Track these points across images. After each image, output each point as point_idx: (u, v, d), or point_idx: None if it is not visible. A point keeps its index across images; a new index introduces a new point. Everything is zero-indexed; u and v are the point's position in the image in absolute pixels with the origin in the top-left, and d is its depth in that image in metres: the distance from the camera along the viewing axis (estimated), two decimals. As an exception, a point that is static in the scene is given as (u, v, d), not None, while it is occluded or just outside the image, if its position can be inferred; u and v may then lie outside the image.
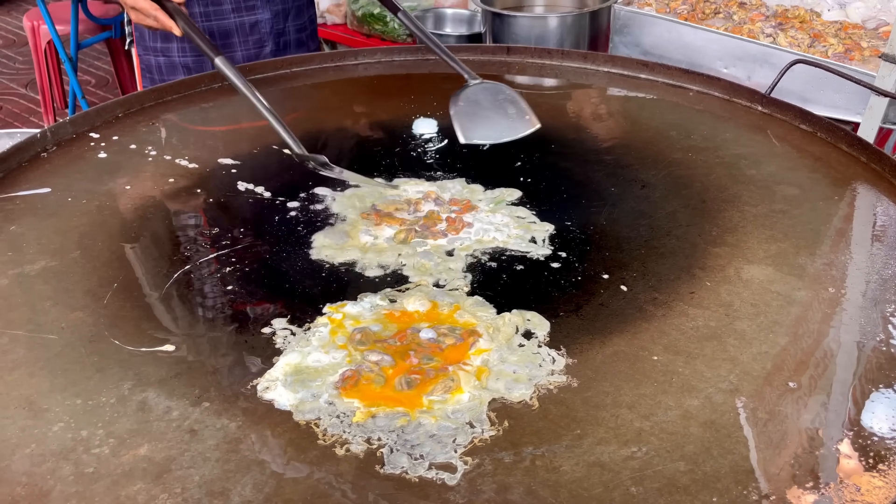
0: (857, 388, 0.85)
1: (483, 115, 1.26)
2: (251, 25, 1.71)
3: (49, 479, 0.74)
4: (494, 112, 1.27)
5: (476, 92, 1.30)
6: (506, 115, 1.26)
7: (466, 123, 1.24)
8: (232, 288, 1.01)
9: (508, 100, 1.29)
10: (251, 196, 1.22)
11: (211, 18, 1.67)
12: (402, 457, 0.76)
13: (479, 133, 1.24)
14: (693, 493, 0.72)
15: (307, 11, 1.84)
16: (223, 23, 1.68)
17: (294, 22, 1.78)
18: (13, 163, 1.27)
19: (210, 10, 1.67)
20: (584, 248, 1.08)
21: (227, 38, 1.70)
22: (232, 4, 1.68)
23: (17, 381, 0.86)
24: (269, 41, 1.74)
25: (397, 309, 0.96)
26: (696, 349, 0.90)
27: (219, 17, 1.68)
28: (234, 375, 0.87)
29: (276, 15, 1.73)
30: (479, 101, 1.28)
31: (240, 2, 1.68)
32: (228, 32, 1.70)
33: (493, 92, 1.30)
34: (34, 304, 0.98)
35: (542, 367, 0.87)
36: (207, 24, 1.67)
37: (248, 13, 1.70)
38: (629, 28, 2.32)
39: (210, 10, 1.67)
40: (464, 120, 1.25)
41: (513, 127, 1.25)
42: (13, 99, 4.21)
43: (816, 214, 1.15)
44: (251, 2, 1.69)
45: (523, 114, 1.27)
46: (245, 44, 1.72)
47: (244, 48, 1.72)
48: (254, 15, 1.70)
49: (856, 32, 2.18)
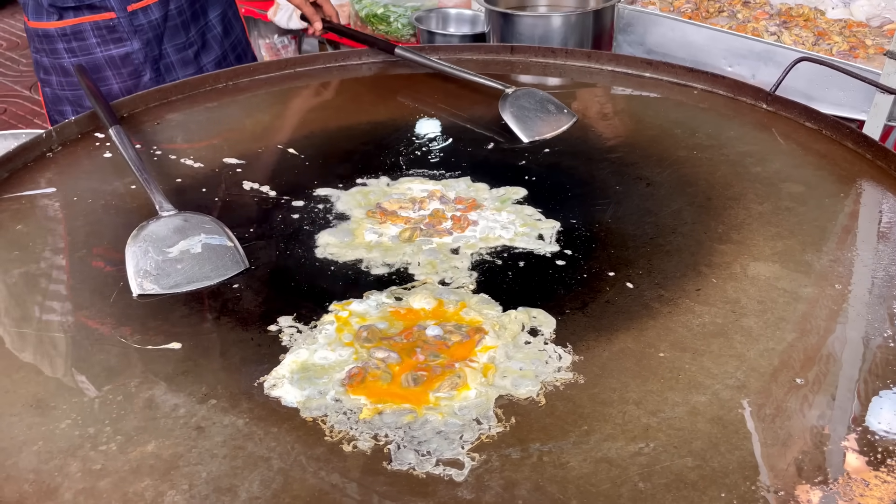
0: (864, 384, 0.85)
1: (532, 116, 1.42)
2: (121, 58, 1.63)
3: (57, 476, 0.74)
4: (539, 112, 1.43)
5: (518, 98, 1.45)
6: (549, 113, 1.44)
7: (522, 125, 1.40)
8: (238, 286, 1.01)
9: (546, 99, 1.46)
10: (256, 195, 1.22)
11: (77, 54, 1.61)
12: (410, 453, 0.76)
13: (536, 130, 1.39)
14: (701, 488, 0.72)
15: (197, 23, 1.73)
16: (91, 57, 1.61)
17: (172, 43, 1.68)
18: (19, 163, 1.27)
19: (74, 45, 1.60)
20: (590, 246, 1.08)
21: (99, 71, 1.63)
22: (97, 38, 1.60)
23: (24, 379, 0.86)
24: (146, 70, 1.65)
25: (403, 307, 0.96)
26: (702, 346, 0.90)
27: (85, 52, 1.61)
28: (240, 373, 0.87)
29: (148, 43, 1.64)
30: (524, 105, 1.44)
31: (104, 35, 1.60)
32: (99, 67, 1.62)
33: (531, 96, 1.46)
34: (41, 302, 0.98)
35: (548, 364, 0.87)
36: (75, 60, 1.61)
37: (115, 45, 1.61)
38: (633, 27, 2.32)
39: (74, 45, 1.60)
40: (519, 123, 1.40)
41: (559, 120, 1.43)
42: (17, 101, 4.23)
43: (822, 211, 1.15)
44: (116, 34, 1.60)
45: (562, 109, 1.45)
46: (120, 76, 1.64)
47: (119, 80, 1.64)
48: (122, 47, 1.61)
49: (860, 30, 2.18)
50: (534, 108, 1.44)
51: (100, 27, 1.59)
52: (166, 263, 1.01)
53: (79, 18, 1.58)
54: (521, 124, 1.41)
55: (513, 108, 1.43)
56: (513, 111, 1.43)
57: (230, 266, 1.03)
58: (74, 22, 1.58)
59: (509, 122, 1.41)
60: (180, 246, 1.01)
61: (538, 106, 1.45)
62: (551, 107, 1.45)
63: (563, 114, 1.45)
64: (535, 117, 1.42)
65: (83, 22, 1.58)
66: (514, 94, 1.46)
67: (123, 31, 1.61)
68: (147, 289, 0.98)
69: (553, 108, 1.45)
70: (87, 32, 1.59)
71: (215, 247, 1.03)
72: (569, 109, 1.45)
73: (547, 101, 1.46)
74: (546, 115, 1.44)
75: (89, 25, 1.59)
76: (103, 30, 1.59)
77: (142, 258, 1.01)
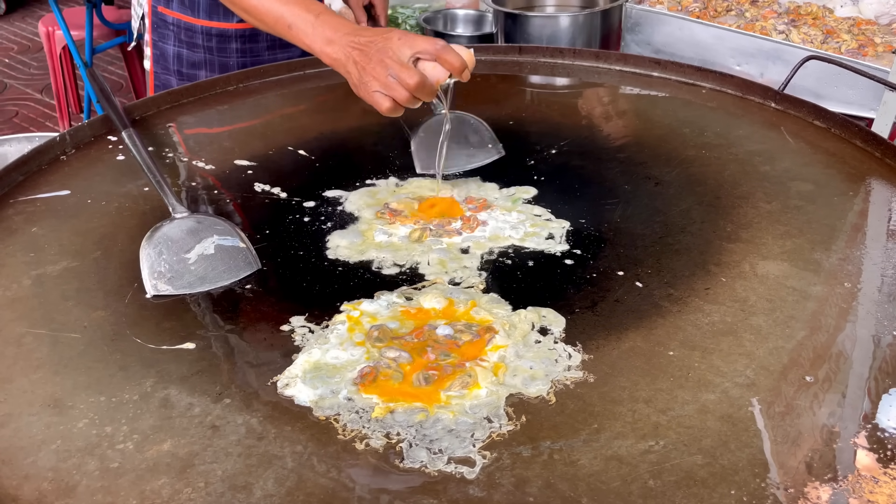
0: (874, 382, 0.85)
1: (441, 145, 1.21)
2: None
3: (75, 475, 0.75)
4: (456, 142, 1.25)
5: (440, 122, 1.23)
6: (468, 144, 1.27)
7: (424, 154, 1.25)
8: (250, 287, 1.02)
9: (472, 129, 1.29)
10: (267, 196, 1.23)
11: (246, 55, 1.69)
12: (422, 451, 0.77)
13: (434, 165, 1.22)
14: (711, 486, 0.73)
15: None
16: (257, 59, 1.69)
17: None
18: (33, 166, 1.29)
19: (246, 46, 1.67)
20: (599, 246, 1.09)
21: None
22: (267, 43, 1.69)
23: (41, 380, 0.87)
24: None
25: (414, 306, 0.97)
26: (711, 344, 0.90)
27: (254, 54, 1.69)
28: (254, 372, 0.88)
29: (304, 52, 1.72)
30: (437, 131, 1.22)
31: (275, 40, 1.68)
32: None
33: (457, 122, 1.27)
34: (56, 303, 0.99)
35: (558, 363, 0.88)
36: (242, 60, 1.68)
37: (281, 51, 1.71)
38: (641, 26, 2.32)
39: (246, 46, 1.67)
40: (422, 150, 1.25)
41: (473, 155, 1.27)
42: (29, 104, 4.26)
43: (831, 210, 1.15)
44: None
45: (486, 143, 1.28)
46: None
47: None
48: (287, 52, 1.71)
49: (869, 28, 2.18)
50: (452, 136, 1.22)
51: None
52: (180, 265, 1.02)
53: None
54: (422, 153, 1.25)
55: (424, 135, 1.27)
56: (424, 137, 1.27)
57: (243, 267, 1.04)
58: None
59: (413, 146, 1.27)
60: (197, 250, 1.02)
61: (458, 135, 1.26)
62: (475, 138, 1.28)
63: (484, 149, 1.28)
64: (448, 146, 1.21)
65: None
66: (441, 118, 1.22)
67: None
68: (161, 290, 1.00)
69: (476, 139, 1.28)
70: (261, 36, 1.67)
71: (228, 248, 1.05)
72: (496, 145, 1.28)
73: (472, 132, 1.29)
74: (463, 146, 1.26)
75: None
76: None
77: (156, 260, 1.02)
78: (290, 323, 0.95)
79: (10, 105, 4.26)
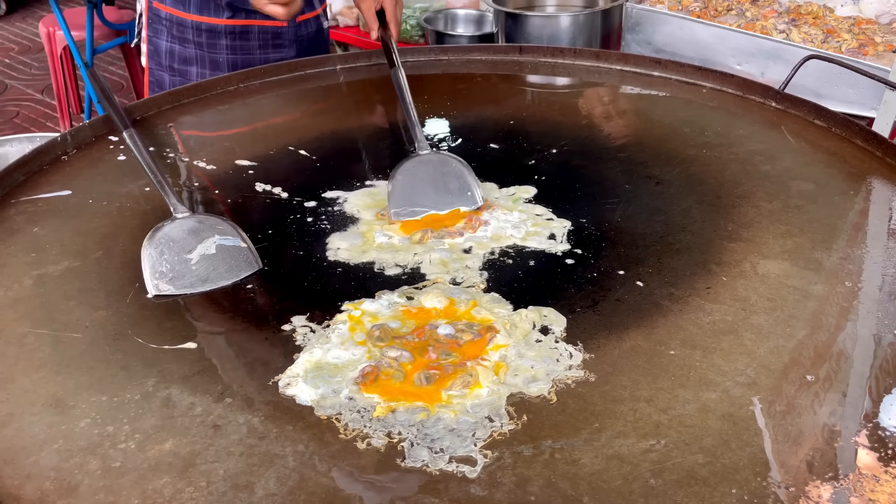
0: (875, 381, 0.85)
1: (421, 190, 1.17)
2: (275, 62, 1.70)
3: (77, 474, 0.75)
4: (434, 186, 1.18)
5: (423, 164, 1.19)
6: (447, 191, 1.18)
7: (399, 199, 1.16)
8: (251, 286, 1.02)
9: (453, 174, 1.19)
10: (268, 196, 1.23)
11: (237, 52, 1.69)
12: (423, 450, 0.77)
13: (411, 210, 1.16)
14: (712, 484, 0.73)
15: (326, 41, 1.87)
16: (248, 57, 1.70)
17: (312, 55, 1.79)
18: (35, 166, 1.29)
19: (237, 44, 1.68)
20: (600, 245, 1.09)
21: None
22: (259, 41, 1.69)
23: (43, 379, 0.87)
24: None
25: (415, 306, 0.97)
26: (712, 343, 0.90)
27: (245, 51, 1.69)
28: (255, 372, 0.88)
29: (300, 52, 1.75)
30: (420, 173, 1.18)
31: (267, 39, 1.70)
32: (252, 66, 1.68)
33: (439, 164, 1.20)
34: (58, 303, 1.00)
35: (559, 362, 0.88)
36: (232, 58, 1.69)
37: (274, 50, 1.72)
38: (641, 26, 2.32)
39: (237, 44, 1.68)
40: (398, 195, 1.16)
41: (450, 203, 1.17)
42: (30, 104, 4.26)
43: (832, 209, 1.15)
44: (279, 40, 1.71)
45: (466, 189, 1.17)
46: None
47: None
48: (279, 52, 1.72)
49: (869, 27, 2.18)
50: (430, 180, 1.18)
51: (266, 32, 1.68)
52: (181, 265, 1.02)
53: (249, 20, 1.66)
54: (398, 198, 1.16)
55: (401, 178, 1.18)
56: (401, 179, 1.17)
57: (244, 267, 1.04)
58: (244, 22, 1.66)
59: (391, 188, 1.17)
60: (198, 250, 1.03)
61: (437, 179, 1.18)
62: (454, 184, 1.18)
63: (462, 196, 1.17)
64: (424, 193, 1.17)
65: (253, 24, 1.67)
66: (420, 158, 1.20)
67: (286, 39, 1.72)
68: (163, 290, 1.00)
69: (456, 186, 1.18)
70: (252, 34, 1.68)
71: (229, 248, 1.05)
72: (475, 193, 1.17)
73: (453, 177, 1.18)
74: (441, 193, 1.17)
75: (257, 28, 1.67)
76: (269, 34, 1.69)
77: (157, 260, 1.02)
78: (291, 322, 0.95)
79: (10, 105, 4.26)
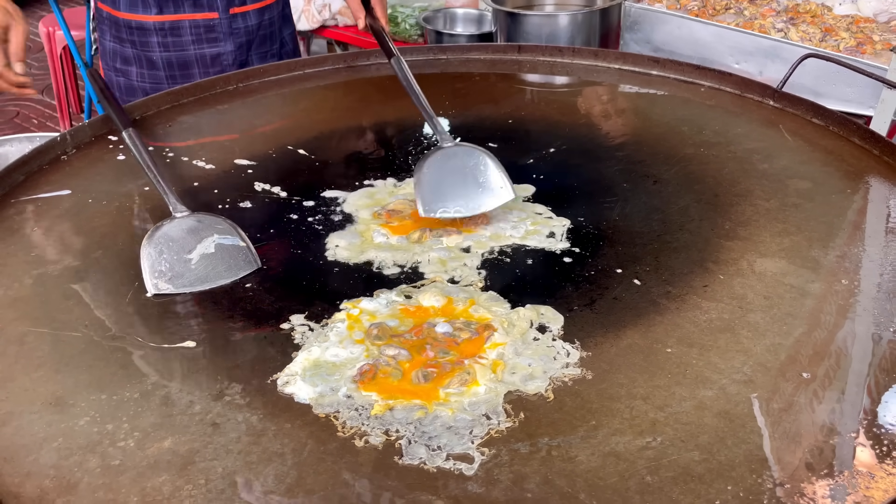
0: (872, 378, 0.86)
1: (450, 183, 1.13)
2: (212, 57, 1.68)
3: (76, 472, 0.76)
4: (464, 180, 1.13)
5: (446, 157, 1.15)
6: (476, 185, 1.13)
7: (428, 195, 1.11)
8: (250, 285, 1.02)
9: (481, 166, 1.14)
10: (267, 196, 1.23)
11: (170, 49, 1.65)
12: (420, 448, 0.77)
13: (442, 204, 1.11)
14: (708, 481, 0.73)
15: (278, 36, 1.79)
16: (183, 54, 1.66)
17: (258, 50, 1.75)
18: (34, 165, 1.29)
19: (169, 40, 1.64)
20: (598, 244, 1.09)
21: (187, 68, 1.67)
22: (192, 36, 1.65)
23: (43, 378, 0.88)
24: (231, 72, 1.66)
25: (413, 304, 0.98)
26: (709, 341, 0.91)
27: (178, 48, 1.65)
28: (254, 370, 0.88)
29: (240, 46, 1.70)
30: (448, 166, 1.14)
31: (201, 33, 1.65)
32: (188, 63, 1.67)
33: (465, 157, 1.16)
34: (58, 302, 1.00)
35: (556, 360, 0.88)
36: (166, 55, 1.65)
37: (209, 45, 1.67)
38: (640, 25, 2.33)
39: (169, 40, 1.64)
40: (426, 190, 1.12)
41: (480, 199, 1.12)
42: (29, 104, 4.27)
43: (829, 208, 1.16)
44: (213, 34, 1.66)
45: (498, 183, 1.13)
46: (206, 74, 1.67)
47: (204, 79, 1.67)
48: (215, 47, 1.67)
49: (867, 26, 2.18)
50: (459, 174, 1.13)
51: (198, 25, 1.64)
52: (180, 264, 1.02)
53: (179, 15, 1.63)
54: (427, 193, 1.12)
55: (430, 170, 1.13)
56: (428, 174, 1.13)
57: (243, 266, 1.04)
58: (174, 18, 1.63)
59: (415, 185, 1.13)
60: (198, 249, 1.03)
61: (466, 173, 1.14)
62: (483, 178, 1.13)
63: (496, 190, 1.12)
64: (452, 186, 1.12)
65: (183, 19, 1.63)
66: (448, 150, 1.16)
67: (220, 32, 1.67)
68: (162, 288, 1.00)
69: (484, 180, 1.13)
70: (184, 29, 1.64)
71: (228, 247, 1.05)
72: (508, 185, 1.12)
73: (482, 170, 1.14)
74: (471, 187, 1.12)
75: (188, 23, 1.63)
76: (201, 28, 1.64)
77: (156, 259, 1.02)
78: (289, 321, 0.95)
79: (10, 105, 4.26)
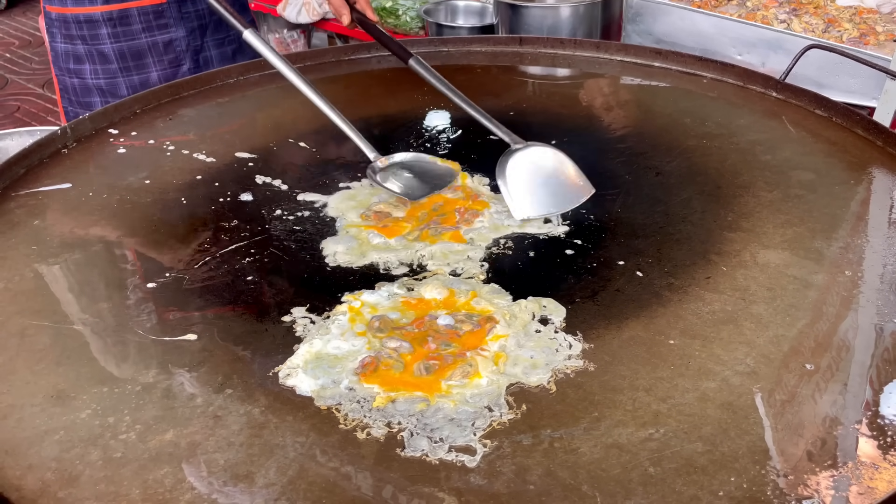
0: (875, 370, 0.85)
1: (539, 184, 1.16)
2: (165, 44, 1.64)
3: (78, 465, 0.76)
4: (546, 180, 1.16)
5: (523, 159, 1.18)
6: (559, 184, 1.17)
7: (519, 197, 1.14)
8: (251, 278, 1.02)
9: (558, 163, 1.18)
10: (268, 189, 1.23)
11: (121, 39, 1.61)
12: (422, 440, 0.77)
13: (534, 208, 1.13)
14: (711, 472, 0.73)
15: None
16: (135, 42, 1.62)
17: (213, 36, 1.71)
18: (35, 159, 1.29)
19: (119, 30, 1.61)
20: (600, 236, 1.09)
21: (141, 58, 1.64)
22: (142, 24, 1.61)
23: (44, 371, 0.88)
24: (186, 59, 1.67)
25: (414, 297, 0.97)
26: (712, 333, 0.91)
27: (129, 37, 1.62)
28: (255, 363, 0.88)
29: (192, 31, 1.66)
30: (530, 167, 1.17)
31: (150, 20, 1.62)
32: (141, 53, 1.64)
33: (540, 157, 1.19)
34: (59, 295, 1.00)
35: (558, 352, 0.88)
36: (118, 46, 1.61)
37: (160, 32, 1.63)
38: (642, 16, 2.31)
39: (119, 30, 1.61)
40: (516, 193, 1.14)
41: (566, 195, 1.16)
42: (30, 99, 4.26)
43: (832, 199, 1.15)
44: (163, 20, 1.62)
45: (578, 177, 1.17)
46: (160, 63, 1.65)
47: (160, 68, 1.65)
48: (167, 33, 1.64)
49: (871, 17, 2.17)
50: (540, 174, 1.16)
51: (146, 12, 1.61)
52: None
53: (126, 3, 1.60)
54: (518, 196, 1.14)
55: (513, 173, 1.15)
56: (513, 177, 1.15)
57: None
58: (121, 7, 1.60)
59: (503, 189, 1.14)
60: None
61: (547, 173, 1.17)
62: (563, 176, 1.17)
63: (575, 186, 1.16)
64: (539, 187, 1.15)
65: (130, 7, 1.60)
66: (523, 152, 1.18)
67: (170, 18, 1.63)
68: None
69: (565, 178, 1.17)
70: (133, 17, 1.61)
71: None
72: (586, 181, 1.17)
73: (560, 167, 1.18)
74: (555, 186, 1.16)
75: (136, 10, 1.60)
76: (150, 15, 1.61)
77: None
78: (291, 313, 0.95)
79: (11, 100, 4.26)
